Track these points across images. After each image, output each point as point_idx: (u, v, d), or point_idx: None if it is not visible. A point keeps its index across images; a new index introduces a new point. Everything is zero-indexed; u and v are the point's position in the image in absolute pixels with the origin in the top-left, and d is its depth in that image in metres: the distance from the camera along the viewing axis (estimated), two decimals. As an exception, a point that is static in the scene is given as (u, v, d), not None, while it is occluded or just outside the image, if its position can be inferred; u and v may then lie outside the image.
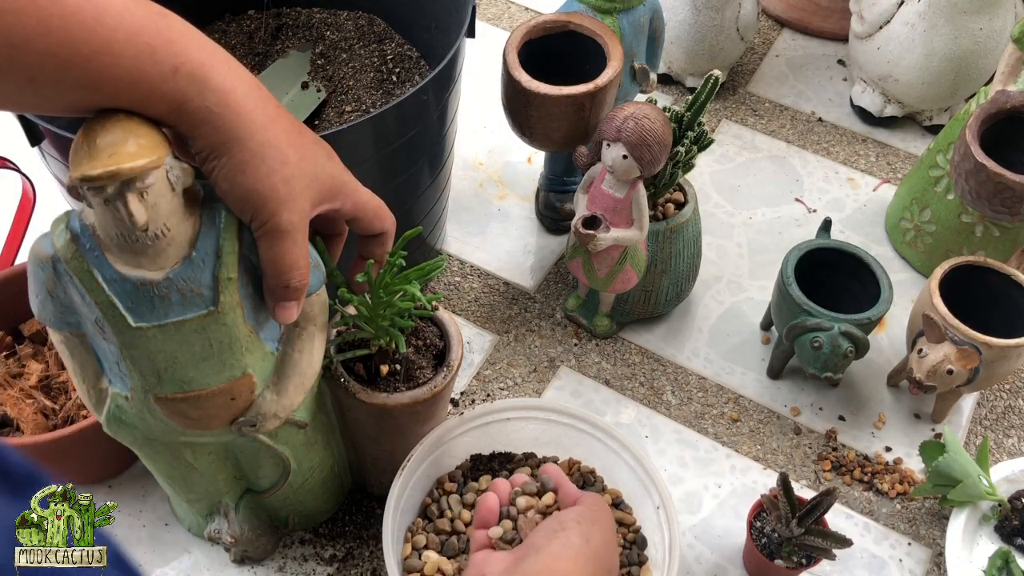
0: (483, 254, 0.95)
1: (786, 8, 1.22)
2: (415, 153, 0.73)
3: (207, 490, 0.66)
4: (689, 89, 1.11)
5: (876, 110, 1.07)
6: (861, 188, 1.03)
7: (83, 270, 0.48)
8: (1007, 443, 0.82)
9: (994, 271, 0.78)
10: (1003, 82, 0.82)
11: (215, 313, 0.51)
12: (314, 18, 0.94)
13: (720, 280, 0.93)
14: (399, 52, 0.90)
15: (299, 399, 0.58)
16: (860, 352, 0.76)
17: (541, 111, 0.77)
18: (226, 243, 0.49)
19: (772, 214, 1.00)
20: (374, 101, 0.86)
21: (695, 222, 0.83)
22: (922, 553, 0.75)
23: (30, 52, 0.41)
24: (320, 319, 0.58)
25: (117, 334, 0.50)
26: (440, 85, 0.71)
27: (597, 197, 0.75)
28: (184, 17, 0.47)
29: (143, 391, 0.54)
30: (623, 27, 0.82)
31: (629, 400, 0.84)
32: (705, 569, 0.73)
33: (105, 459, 0.74)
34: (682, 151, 0.76)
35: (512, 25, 1.20)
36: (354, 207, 0.55)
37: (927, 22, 0.96)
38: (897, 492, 0.78)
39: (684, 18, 1.03)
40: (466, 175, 1.02)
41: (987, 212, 0.80)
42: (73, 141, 0.45)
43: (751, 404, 0.84)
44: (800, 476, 0.79)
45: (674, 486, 0.78)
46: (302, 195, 0.50)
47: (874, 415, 0.83)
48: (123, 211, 0.45)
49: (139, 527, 0.74)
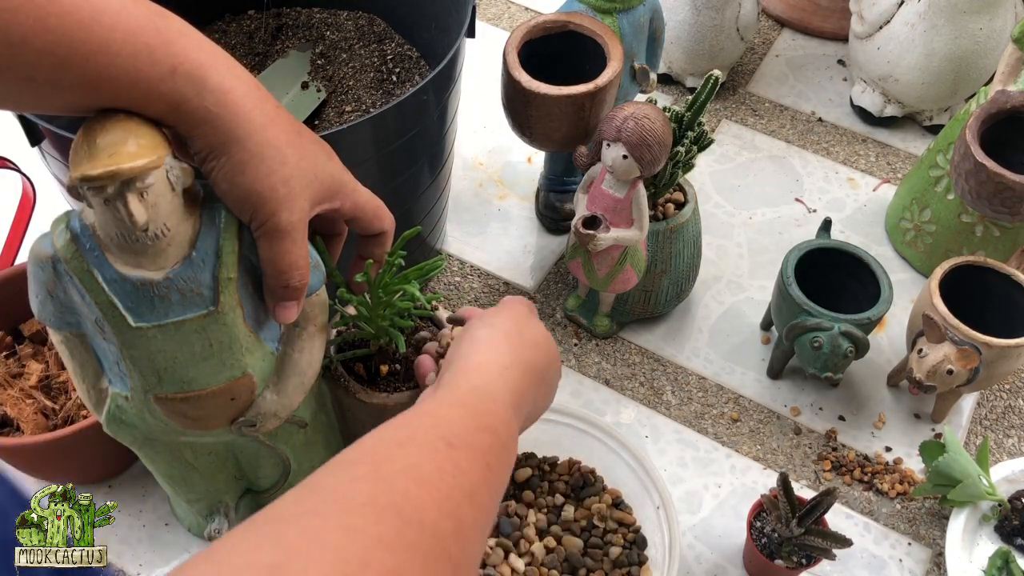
0: (483, 254, 0.95)
1: (786, 8, 1.22)
2: (415, 153, 0.73)
3: (207, 490, 0.66)
4: (689, 89, 1.11)
5: (876, 110, 1.07)
6: (861, 188, 1.03)
7: (83, 270, 0.48)
8: (1007, 443, 0.82)
9: (994, 271, 0.78)
10: (1003, 82, 0.82)
11: (215, 313, 0.51)
12: (314, 18, 0.94)
13: (720, 280, 0.93)
14: (399, 52, 0.90)
15: (299, 399, 0.58)
16: (860, 352, 0.76)
17: (541, 111, 0.77)
18: (226, 243, 0.49)
19: (772, 214, 1.00)
20: (374, 101, 0.86)
21: (695, 222, 0.83)
22: (922, 553, 0.75)
23: (28, 51, 0.41)
24: (320, 319, 0.58)
25: (117, 334, 0.50)
26: (440, 85, 0.71)
27: (597, 197, 0.75)
28: (184, 17, 0.47)
29: (143, 391, 0.54)
30: (623, 27, 0.82)
31: (629, 400, 0.84)
32: (705, 569, 0.73)
33: (105, 459, 0.74)
34: (682, 151, 0.76)
35: (512, 25, 1.20)
36: (353, 207, 0.55)
37: (927, 22, 0.96)
38: (897, 492, 0.78)
39: (684, 18, 1.03)
40: (466, 175, 1.02)
41: (987, 212, 0.80)
42: (73, 141, 0.45)
43: (751, 404, 0.84)
44: (800, 476, 0.79)
45: (674, 486, 0.78)
46: (301, 195, 0.50)
47: (874, 415, 0.83)
48: (123, 211, 0.45)
49: (139, 527, 0.74)
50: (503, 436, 0.46)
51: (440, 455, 0.40)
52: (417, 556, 0.34)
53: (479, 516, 0.40)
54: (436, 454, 0.40)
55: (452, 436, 0.42)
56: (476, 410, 0.46)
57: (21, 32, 0.40)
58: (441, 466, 0.39)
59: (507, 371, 0.51)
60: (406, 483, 0.37)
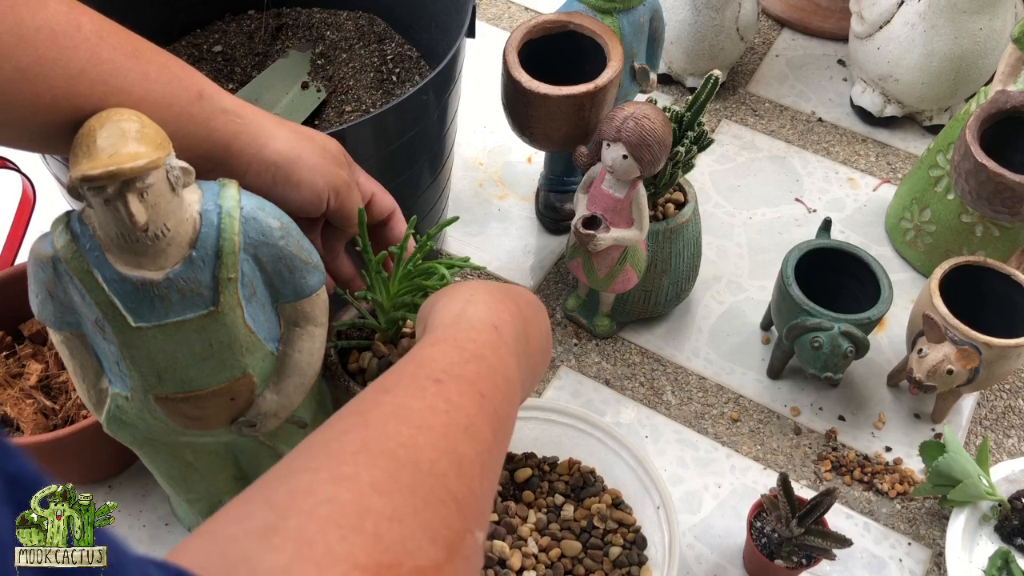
0: (483, 254, 0.95)
1: (786, 8, 1.22)
2: (415, 153, 0.73)
3: (207, 490, 0.66)
4: (689, 89, 1.11)
5: (876, 110, 1.07)
6: (861, 188, 1.03)
7: (83, 270, 0.48)
8: (1007, 443, 0.82)
9: (994, 271, 0.78)
10: (1003, 82, 0.82)
11: (215, 313, 0.51)
12: (314, 18, 0.94)
13: (720, 280, 0.93)
14: (399, 52, 0.90)
15: (299, 399, 0.58)
16: (860, 352, 0.76)
17: (541, 111, 0.77)
18: (226, 243, 0.49)
19: (772, 214, 1.00)
20: (374, 101, 0.86)
21: (695, 222, 0.83)
22: (922, 553, 0.75)
23: (85, 80, 0.45)
24: (320, 319, 0.58)
25: (117, 334, 0.50)
26: (440, 85, 0.71)
27: (597, 197, 0.75)
28: (185, 17, 0.48)
29: (143, 391, 0.54)
30: (623, 27, 0.82)
31: (629, 400, 0.84)
32: (705, 569, 0.73)
33: (105, 459, 0.74)
34: (682, 151, 0.76)
35: (512, 25, 1.20)
36: (360, 193, 0.59)
37: (927, 22, 0.96)
38: (897, 492, 0.78)
39: (684, 18, 1.03)
40: (466, 175, 1.02)
41: (987, 212, 0.80)
42: (73, 141, 0.45)
43: (751, 404, 0.84)
44: (800, 476, 0.79)
45: (674, 486, 0.78)
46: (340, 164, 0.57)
47: (874, 415, 0.83)
48: (123, 211, 0.45)
49: (139, 527, 0.74)
50: (492, 361, 0.43)
51: (428, 392, 0.38)
52: (416, 498, 0.32)
53: (481, 449, 0.38)
54: (424, 392, 0.38)
55: (438, 372, 0.40)
56: (457, 341, 0.43)
57: (79, 65, 0.44)
58: (431, 403, 0.38)
59: (478, 299, 0.48)
60: (396, 425, 0.36)
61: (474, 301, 0.48)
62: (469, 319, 0.46)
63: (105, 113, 0.45)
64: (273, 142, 0.53)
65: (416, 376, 0.40)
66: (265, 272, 0.53)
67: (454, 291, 0.50)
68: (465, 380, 0.40)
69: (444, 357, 0.42)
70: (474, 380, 0.41)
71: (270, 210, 0.52)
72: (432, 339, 0.44)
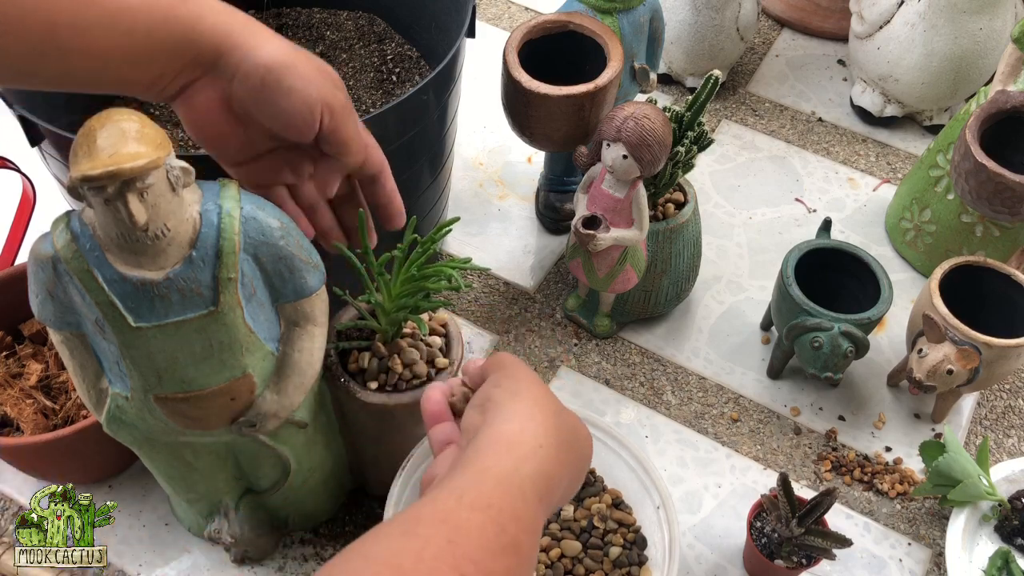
0: (483, 254, 0.95)
1: (786, 8, 1.22)
2: (415, 153, 0.73)
3: (207, 490, 0.66)
4: (689, 89, 1.11)
5: (876, 110, 1.07)
6: (861, 188, 1.03)
7: (83, 270, 0.48)
8: (1007, 443, 0.82)
9: (994, 271, 0.78)
10: (1003, 82, 0.82)
11: (215, 313, 0.51)
12: (314, 18, 0.94)
13: (720, 280, 0.93)
14: (399, 52, 0.90)
15: (299, 399, 0.58)
16: (860, 352, 0.76)
17: (541, 111, 0.77)
18: (226, 243, 0.49)
19: (772, 214, 1.00)
20: (374, 101, 0.86)
21: (695, 222, 0.83)
22: (922, 553, 0.75)
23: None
24: (320, 319, 0.58)
25: (117, 334, 0.50)
26: (440, 85, 0.71)
27: (597, 197, 0.75)
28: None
29: (143, 391, 0.54)
30: (623, 27, 0.82)
31: (629, 400, 0.84)
32: (705, 569, 0.73)
33: (105, 459, 0.74)
34: (682, 151, 0.76)
35: (512, 25, 1.20)
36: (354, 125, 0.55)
37: (927, 22, 0.96)
38: (897, 492, 0.78)
39: (684, 18, 1.03)
40: (466, 175, 1.02)
41: (987, 212, 0.80)
42: (73, 141, 0.45)
43: (751, 404, 0.84)
44: (800, 476, 0.79)
45: (674, 486, 0.78)
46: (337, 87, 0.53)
47: (874, 415, 0.83)
48: (123, 211, 0.45)
49: (139, 527, 0.74)
50: (526, 553, 0.39)
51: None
52: None
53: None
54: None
55: (467, 561, 0.36)
56: (500, 518, 0.39)
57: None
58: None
59: (541, 449, 0.43)
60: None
61: (538, 450, 0.43)
62: (521, 481, 0.41)
63: (105, 113, 0.45)
64: (266, 45, 0.49)
65: (441, 557, 0.36)
66: (265, 272, 0.53)
67: (516, 412, 0.45)
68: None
69: (479, 538, 0.37)
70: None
71: (270, 210, 0.52)
72: (475, 496, 0.39)
